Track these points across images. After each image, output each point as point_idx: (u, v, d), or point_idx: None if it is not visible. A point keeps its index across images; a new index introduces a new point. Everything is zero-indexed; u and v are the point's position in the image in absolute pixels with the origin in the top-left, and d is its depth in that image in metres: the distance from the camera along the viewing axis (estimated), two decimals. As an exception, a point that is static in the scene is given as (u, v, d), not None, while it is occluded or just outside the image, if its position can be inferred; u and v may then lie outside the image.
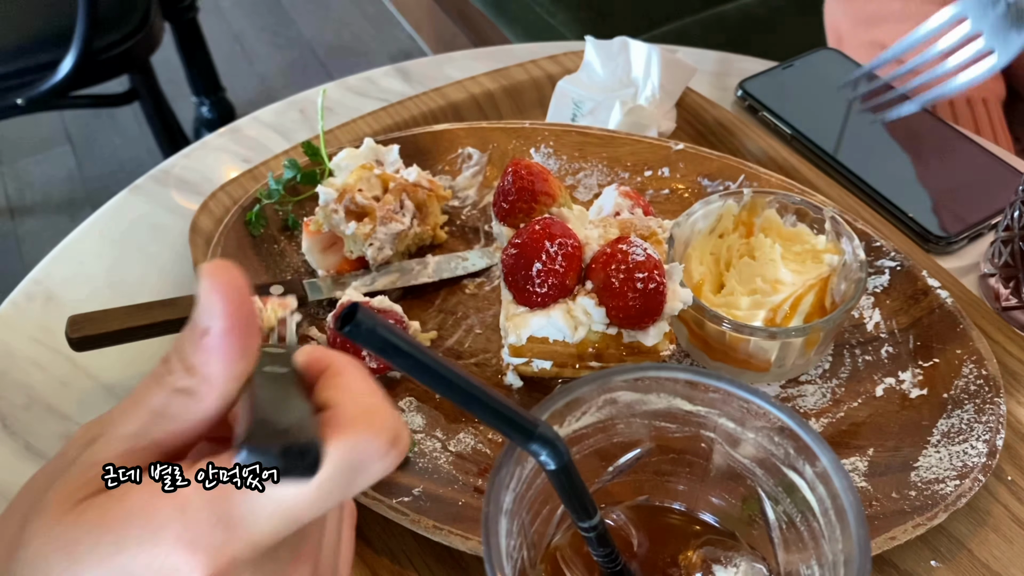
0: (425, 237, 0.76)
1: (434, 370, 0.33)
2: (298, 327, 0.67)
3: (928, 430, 0.63)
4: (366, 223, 0.71)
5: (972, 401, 0.63)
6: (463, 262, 0.75)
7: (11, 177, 2.33)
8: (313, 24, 2.78)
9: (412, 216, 0.73)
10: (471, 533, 0.56)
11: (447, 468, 0.61)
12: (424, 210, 0.74)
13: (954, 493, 0.58)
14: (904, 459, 0.61)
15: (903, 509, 0.58)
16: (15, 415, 0.68)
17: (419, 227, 0.74)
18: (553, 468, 0.38)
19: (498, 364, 0.68)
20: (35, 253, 1.43)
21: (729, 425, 0.45)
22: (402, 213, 0.72)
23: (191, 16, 1.99)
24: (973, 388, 0.64)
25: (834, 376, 0.68)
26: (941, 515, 0.57)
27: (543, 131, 0.83)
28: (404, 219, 0.72)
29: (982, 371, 0.65)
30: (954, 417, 0.63)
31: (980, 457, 0.60)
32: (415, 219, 0.74)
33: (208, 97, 2.20)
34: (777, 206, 0.69)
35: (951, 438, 0.62)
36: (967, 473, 0.59)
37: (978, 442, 0.61)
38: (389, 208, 0.71)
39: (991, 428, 0.61)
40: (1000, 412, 0.62)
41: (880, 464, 0.61)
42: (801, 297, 0.65)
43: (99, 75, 1.65)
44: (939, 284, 0.70)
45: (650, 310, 0.60)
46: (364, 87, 0.96)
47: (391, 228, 0.71)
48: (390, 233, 0.71)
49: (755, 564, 0.46)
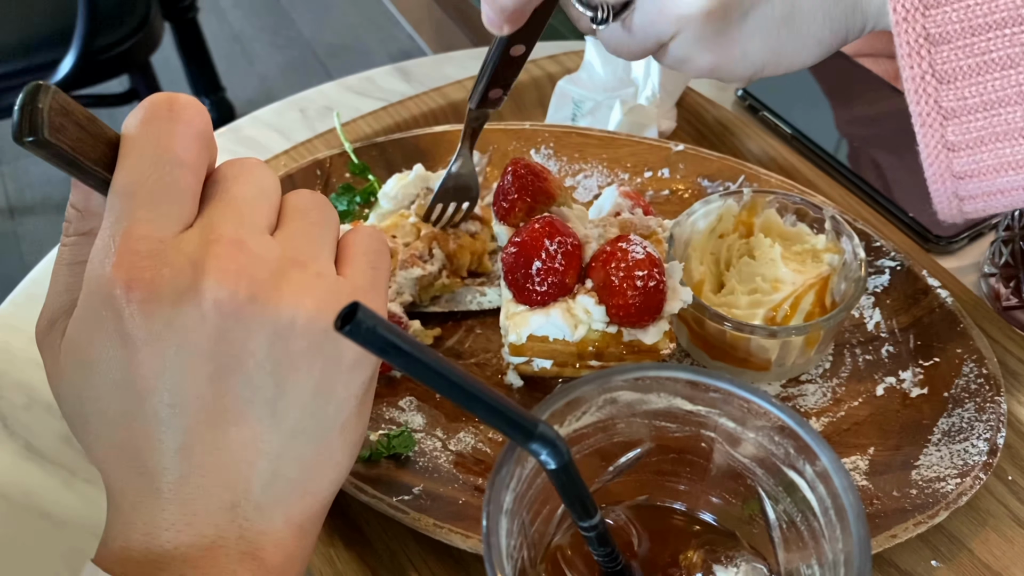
0: (453, 287, 0.72)
1: (435, 370, 0.33)
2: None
3: (929, 429, 0.63)
4: None
5: (973, 400, 0.63)
6: (480, 297, 0.73)
7: (11, 177, 2.33)
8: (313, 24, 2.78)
9: (441, 265, 0.71)
10: (471, 531, 0.56)
11: (447, 467, 0.61)
12: (455, 261, 0.72)
13: (955, 491, 0.58)
14: (905, 458, 0.61)
15: (904, 507, 0.58)
16: (15, 415, 0.68)
17: (448, 279, 0.71)
18: (554, 467, 0.38)
19: (499, 363, 0.68)
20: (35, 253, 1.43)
21: (729, 425, 0.45)
22: (431, 261, 0.70)
23: (191, 16, 2.00)
24: (974, 387, 0.64)
25: (835, 375, 0.68)
26: (942, 513, 0.57)
27: (543, 132, 0.83)
28: (430, 267, 0.70)
29: (983, 370, 0.65)
30: (955, 416, 0.63)
31: (981, 456, 0.60)
32: (444, 269, 0.71)
33: (208, 97, 2.20)
34: (777, 206, 0.70)
35: (952, 437, 0.62)
36: (968, 471, 0.59)
37: (979, 441, 0.61)
38: (413, 253, 0.69)
39: (992, 427, 0.61)
40: (1001, 411, 0.62)
41: (881, 463, 0.61)
42: (801, 296, 0.65)
43: (99, 75, 1.66)
44: (939, 284, 0.70)
45: (650, 308, 0.60)
46: (364, 87, 0.96)
47: (411, 273, 0.68)
48: (410, 278, 0.69)
49: (755, 564, 0.46)
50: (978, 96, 0.47)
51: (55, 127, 0.38)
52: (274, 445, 0.40)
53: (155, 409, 0.38)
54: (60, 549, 0.60)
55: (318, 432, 0.42)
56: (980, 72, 0.46)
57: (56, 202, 2.26)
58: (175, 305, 0.38)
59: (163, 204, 0.39)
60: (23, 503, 0.63)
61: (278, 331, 0.39)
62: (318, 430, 0.42)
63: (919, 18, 0.46)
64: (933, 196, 0.52)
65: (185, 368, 0.38)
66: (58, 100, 0.38)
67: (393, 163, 0.81)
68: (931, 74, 0.47)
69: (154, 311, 0.38)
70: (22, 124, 0.37)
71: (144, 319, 0.38)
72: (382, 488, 0.58)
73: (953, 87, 0.47)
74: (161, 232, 0.39)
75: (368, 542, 0.59)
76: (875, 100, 0.93)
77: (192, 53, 2.09)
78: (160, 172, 0.39)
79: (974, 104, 0.47)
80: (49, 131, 0.37)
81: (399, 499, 0.58)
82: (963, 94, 0.47)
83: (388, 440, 0.61)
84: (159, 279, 0.38)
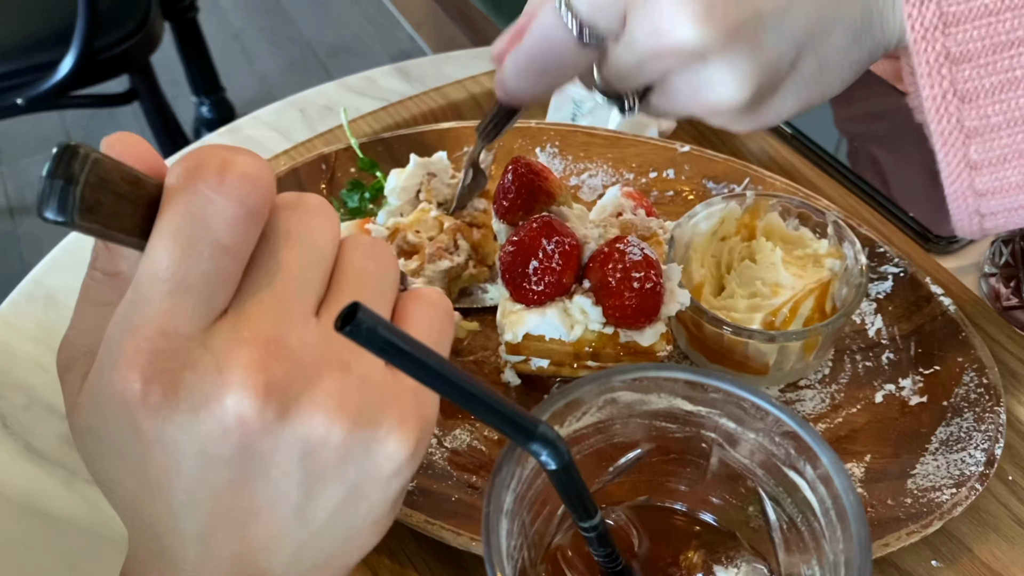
0: (481, 278, 0.72)
1: (436, 370, 0.33)
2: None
3: (927, 438, 0.62)
4: (414, 260, 0.69)
5: (972, 409, 0.63)
6: (483, 294, 0.73)
7: (11, 177, 2.33)
8: (313, 24, 2.78)
9: (467, 256, 0.70)
10: (463, 529, 0.56)
11: (442, 464, 0.61)
12: (480, 251, 0.71)
13: (950, 501, 0.58)
14: (901, 466, 0.61)
15: (898, 516, 0.58)
16: (15, 415, 0.68)
17: (475, 268, 0.71)
18: (554, 468, 0.38)
19: (496, 361, 0.68)
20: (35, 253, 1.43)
21: (730, 425, 0.45)
22: (457, 253, 0.70)
23: (191, 16, 1.99)
24: (973, 396, 0.64)
25: (834, 381, 0.67)
26: (936, 523, 0.57)
27: (549, 131, 0.83)
28: (457, 258, 0.69)
29: (983, 379, 0.64)
30: (953, 425, 0.63)
31: (978, 466, 0.59)
32: (471, 259, 0.71)
33: (208, 97, 2.20)
34: (780, 209, 0.69)
35: (949, 446, 0.61)
36: (964, 482, 0.59)
37: (976, 451, 0.60)
38: (440, 246, 0.69)
39: (990, 437, 0.61)
40: (1000, 421, 0.61)
41: (877, 470, 0.61)
42: (800, 301, 0.65)
43: (99, 75, 1.65)
44: (942, 291, 0.70)
45: (646, 310, 0.60)
46: (364, 87, 0.96)
47: (439, 265, 0.68)
48: (439, 270, 0.68)
49: (756, 564, 0.46)
50: (1002, 115, 0.46)
51: (88, 207, 0.31)
52: (299, 539, 0.38)
53: (170, 500, 0.36)
54: (60, 549, 0.60)
55: (347, 531, 0.39)
56: (1003, 90, 0.46)
57: (56, 202, 2.26)
58: (194, 412, 0.34)
59: (195, 294, 0.34)
60: (23, 503, 0.63)
61: (308, 449, 0.36)
62: (348, 529, 0.39)
63: (939, 36, 0.45)
64: (953, 213, 0.51)
65: (203, 473, 0.35)
66: (96, 172, 0.31)
67: (399, 159, 0.81)
68: (952, 93, 0.46)
69: (170, 417, 0.34)
70: (49, 199, 0.30)
71: (159, 424, 0.34)
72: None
73: (976, 106, 0.46)
74: (189, 327, 0.34)
75: (368, 542, 0.59)
76: (875, 100, 0.93)
77: (192, 53, 2.09)
78: (196, 258, 0.34)
79: (997, 123, 0.46)
80: (81, 214, 0.31)
81: (393, 496, 0.58)
82: (986, 112, 0.46)
83: None
84: (178, 383, 0.34)
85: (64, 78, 1.54)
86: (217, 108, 2.22)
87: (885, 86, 0.93)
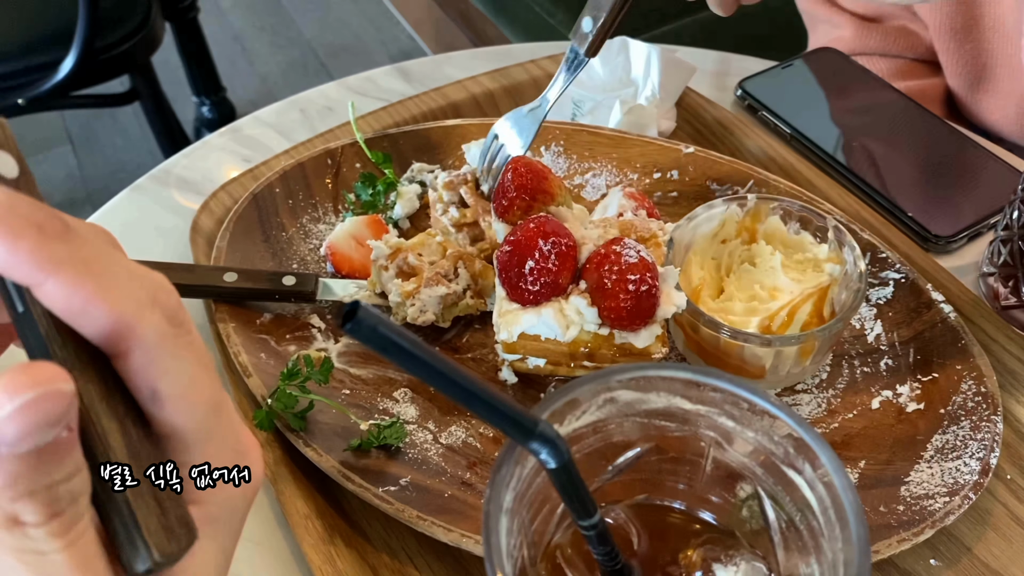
0: (476, 310, 0.71)
1: (436, 368, 0.33)
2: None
3: (922, 445, 0.62)
4: (411, 282, 0.69)
5: (969, 418, 0.63)
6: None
7: (11, 177, 2.33)
8: (313, 24, 2.78)
9: (466, 285, 0.70)
10: (454, 525, 0.56)
11: (436, 460, 0.62)
12: (480, 282, 0.71)
13: (942, 510, 0.57)
14: (895, 473, 0.61)
15: (889, 523, 0.57)
16: (16, 414, 0.68)
17: (472, 299, 0.70)
18: (553, 467, 0.38)
19: (495, 359, 0.69)
20: (35, 253, 1.43)
21: (729, 424, 0.45)
22: (456, 281, 0.69)
23: (192, 16, 1.99)
24: (971, 405, 0.64)
25: (831, 386, 0.67)
26: (928, 531, 0.56)
27: (553, 129, 0.83)
28: (455, 286, 0.69)
29: (981, 388, 0.64)
30: (949, 433, 0.62)
31: (972, 475, 0.59)
32: (469, 289, 0.70)
33: (209, 97, 2.20)
34: (781, 213, 0.69)
35: (944, 454, 0.61)
36: (957, 490, 0.58)
37: (971, 460, 0.60)
38: (438, 272, 0.68)
39: (986, 446, 0.60)
40: (996, 430, 0.61)
41: (871, 477, 0.61)
42: (798, 306, 0.65)
43: (100, 75, 1.66)
44: (943, 299, 0.69)
45: (642, 312, 0.60)
46: (364, 87, 0.96)
47: (436, 291, 0.68)
48: (434, 295, 0.68)
49: (755, 563, 0.46)
50: None
51: None
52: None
53: None
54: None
55: None
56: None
57: (56, 202, 2.26)
58: None
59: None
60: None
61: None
62: None
63: None
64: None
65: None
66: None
67: (404, 155, 0.82)
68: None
69: None
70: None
71: None
72: (369, 477, 0.58)
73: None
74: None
75: (368, 540, 0.59)
76: (873, 99, 0.93)
77: (192, 53, 2.09)
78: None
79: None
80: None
81: (384, 489, 0.58)
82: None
83: (379, 430, 0.61)
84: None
85: (65, 78, 1.54)
86: (218, 108, 2.22)
87: (884, 86, 0.94)
